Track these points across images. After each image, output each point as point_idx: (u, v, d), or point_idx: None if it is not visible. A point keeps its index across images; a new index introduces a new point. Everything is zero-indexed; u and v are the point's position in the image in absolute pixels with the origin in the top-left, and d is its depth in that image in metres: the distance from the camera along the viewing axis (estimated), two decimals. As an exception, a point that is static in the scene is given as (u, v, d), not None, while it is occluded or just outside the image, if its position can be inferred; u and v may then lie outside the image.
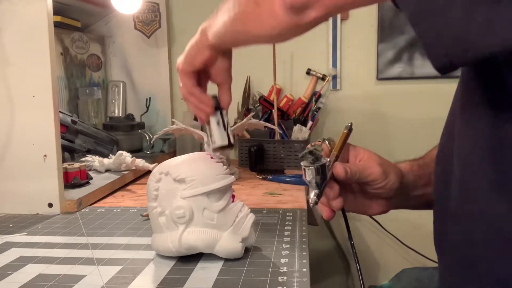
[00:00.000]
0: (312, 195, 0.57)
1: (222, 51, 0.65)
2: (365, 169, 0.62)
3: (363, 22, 1.53)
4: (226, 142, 0.66)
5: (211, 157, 0.65)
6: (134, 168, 1.14)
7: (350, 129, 0.66)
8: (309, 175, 0.57)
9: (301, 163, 0.58)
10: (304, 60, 1.52)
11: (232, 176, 0.64)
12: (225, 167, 0.64)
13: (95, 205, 0.94)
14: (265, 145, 1.38)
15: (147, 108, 1.59)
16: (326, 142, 0.64)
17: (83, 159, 1.13)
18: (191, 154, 0.65)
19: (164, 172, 0.61)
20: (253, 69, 1.55)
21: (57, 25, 1.21)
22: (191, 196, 0.59)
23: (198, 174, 0.60)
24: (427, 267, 0.91)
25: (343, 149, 0.64)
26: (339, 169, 0.59)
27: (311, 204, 0.58)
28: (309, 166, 0.57)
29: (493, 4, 0.35)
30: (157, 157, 1.37)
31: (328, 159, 0.59)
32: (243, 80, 1.54)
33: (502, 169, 0.44)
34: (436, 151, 0.72)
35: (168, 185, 0.61)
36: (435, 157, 0.70)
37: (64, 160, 1.01)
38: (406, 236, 1.45)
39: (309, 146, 0.59)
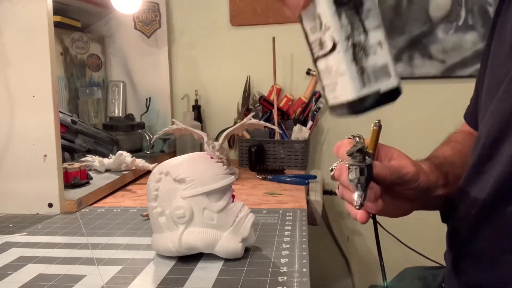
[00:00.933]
0: (356, 197, 0.54)
1: None
2: (401, 169, 0.58)
3: (363, 22, 1.53)
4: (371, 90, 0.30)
5: (211, 157, 0.65)
6: (134, 168, 1.14)
7: (379, 127, 0.61)
8: (353, 174, 0.53)
9: (346, 161, 0.54)
10: (304, 60, 1.52)
11: (232, 176, 0.64)
12: (225, 167, 0.64)
13: (95, 205, 0.94)
14: (265, 145, 1.38)
15: (147, 108, 1.59)
16: (357, 139, 0.59)
17: (83, 159, 1.13)
18: (191, 154, 0.65)
19: (164, 172, 0.61)
20: (253, 69, 1.55)
21: (57, 25, 1.21)
22: (191, 196, 0.59)
23: (198, 174, 0.60)
24: (430, 266, 0.91)
25: (379, 133, 0.59)
26: (381, 169, 0.55)
27: (357, 207, 0.54)
28: (355, 165, 0.53)
29: None
30: (157, 157, 1.37)
31: (372, 160, 0.54)
32: (243, 80, 1.54)
33: None
34: (447, 149, 0.72)
35: (168, 185, 0.61)
36: (454, 156, 0.69)
37: (64, 160, 1.01)
38: (406, 236, 1.45)
39: (353, 141, 0.55)
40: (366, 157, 0.54)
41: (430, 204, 0.67)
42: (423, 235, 1.34)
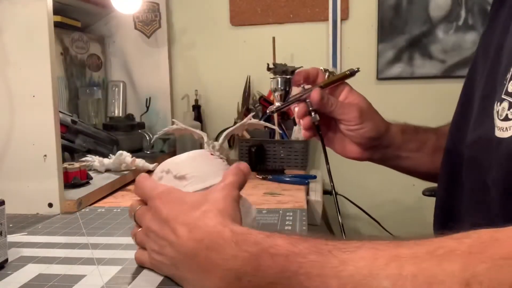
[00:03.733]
0: (272, 105, 0.69)
1: None
2: (343, 107, 0.67)
3: (363, 22, 1.53)
4: None
5: (212, 154, 0.65)
6: (134, 168, 1.14)
7: (352, 73, 0.71)
8: (273, 84, 0.69)
9: (270, 77, 0.70)
10: (304, 60, 1.52)
11: None
12: (225, 162, 0.63)
13: (95, 205, 0.94)
14: (265, 145, 1.38)
15: (147, 108, 1.59)
16: (327, 73, 0.71)
17: (83, 159, 1.13)
18: (191, 152, 0.65)
19: (165, 170, 0.61)
20: (253, 69, 1.55)
21: (57, 25, 1.21)
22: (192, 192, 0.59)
23: (198, 171, 0.60)
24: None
25: (338, 88, 0.70)
26: (315, 92, 0.66)
27: (267, 112, 0.70)
28: (275, 77, 0.69)
29: None
30: (157, 157, 1.37)
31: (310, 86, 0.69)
32: (243, 80, 1.54)
33: None
34: (434, 128, 0.75)
35: (169, 183, 0.60)
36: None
37: (64, 160, 1.01)
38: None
39: (320, 71, 0.72)
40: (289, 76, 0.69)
41: (393, 162, 0.73)
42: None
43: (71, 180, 0.96)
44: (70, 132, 1.14)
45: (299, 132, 1.41)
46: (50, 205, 0.86)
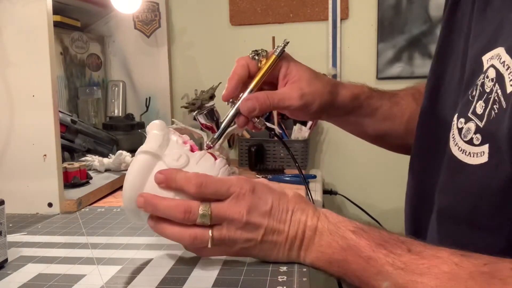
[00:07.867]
0: (208, 139, 0.62)
1: None
2: (283, 99, 0.62)
3: (363, 22, 1.53)
4: None
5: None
6: (134, 168, 1.14)
7: (281, 54, 0.65)
8: (199, 123, 0.63)
9: (194, 114, 0.63)
10: (304, 60, 1.52)
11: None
12: (224, 161, 0.60)
13: (95, 204, 0.94)
14: (265, 145, 1.38)
15: (147, 108, 1.59)
16: (256, 58, 0.63)
17: (83, 158, 1.13)
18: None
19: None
20: (253, 68, 1.55)
21: (57, 24, 1.21)
22: None
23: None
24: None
25: (275, 66, 0.64)
26: (243, 106, 0.61)
27: (205, 149, 0.61)
28: (196, 116, 0.63)
29: None
30: (157, 157, 1.37)
31: (213, 103, 0.61)
32: (243, 80, 1.54)
33: None
34: (401, 92, 0.75)
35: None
36: (403, 96, 0.72)
37: (64, 160, 1.01)
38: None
39: (248, 60, 0.63)
40: (206, 105, 0.61)
41: (340, 125, 0.73)
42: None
43: (71, 180, 0.96)
44: (69, 131, 1.14)
45: (299, 132, 1.41)
46: (50, 205, 0.86)
